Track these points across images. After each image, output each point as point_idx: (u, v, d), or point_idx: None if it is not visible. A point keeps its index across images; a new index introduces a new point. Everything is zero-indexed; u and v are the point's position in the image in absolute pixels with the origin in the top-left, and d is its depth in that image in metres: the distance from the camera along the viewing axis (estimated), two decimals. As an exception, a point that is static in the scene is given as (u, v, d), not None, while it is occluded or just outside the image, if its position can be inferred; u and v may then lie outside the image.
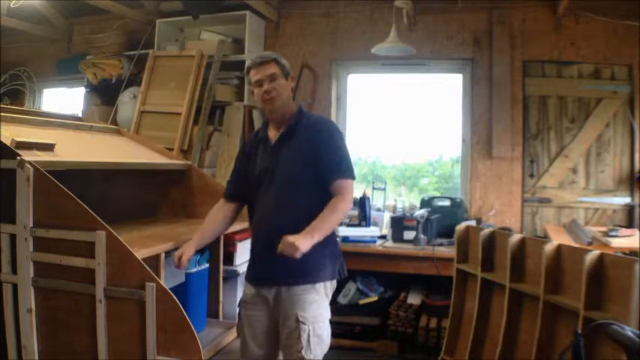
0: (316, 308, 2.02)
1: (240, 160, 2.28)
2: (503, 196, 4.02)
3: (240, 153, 2.31)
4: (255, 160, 2.17)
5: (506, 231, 3.19)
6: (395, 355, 3.61)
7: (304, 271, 2.00)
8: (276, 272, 2.02)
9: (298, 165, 2.05)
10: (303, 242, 1.85)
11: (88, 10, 4.55)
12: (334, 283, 2.13)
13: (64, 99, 5.20)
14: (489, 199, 4.05)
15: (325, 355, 2.10)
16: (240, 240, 2.75)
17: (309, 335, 1.97)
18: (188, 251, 2.12)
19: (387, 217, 4.11)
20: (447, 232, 3.78)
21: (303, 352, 1.96)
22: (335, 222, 2.01)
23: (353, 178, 2.06)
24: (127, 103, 4.24)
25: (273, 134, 2.14)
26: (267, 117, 2.18)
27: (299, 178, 2.04)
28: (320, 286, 2.04)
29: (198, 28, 4.44)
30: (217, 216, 2.25)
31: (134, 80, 4.35)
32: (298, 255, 1.84)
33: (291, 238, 1.85)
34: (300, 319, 1.98)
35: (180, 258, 2.10)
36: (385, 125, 4.53)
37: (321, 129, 2.08)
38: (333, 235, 2.11)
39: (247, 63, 2.15)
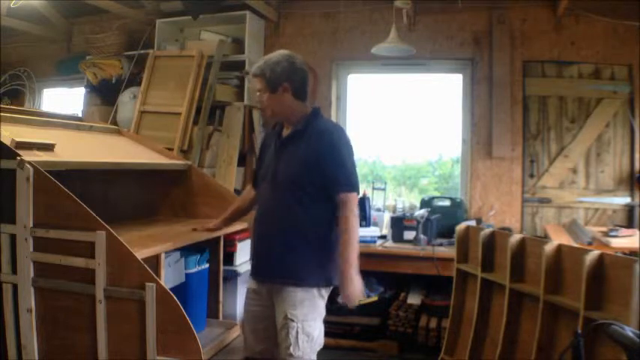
0: (307, 306, 2.04)
1: (260, 149, 2.38)
2: (503, 196, 4.02)
3: (262, 142, 2.40)
4: (267, 154, 2.24)
5: (506, 231, 3.20)
6: (395, 355, 3.61)
7: (293, 273, 2.04)
8: (269, 270, 2.11)
9: (297, 168, 2.08)
10: (349, 288, 1.98)
11: (88, 10, 4.54)
12: (329, 289, 2.14)
13: (64, 99, 5.19)
14: (489, 199, 4.05)
15: (325, 355, 2.11)
16: (240, 240, 2.75)
17: (297, 332, 2.00)
18: (215, 222, 2.44)
19: (387, 217, 4.11)
20: (447, 232, 3.78)
21: (291, 349, 2.00)
22: (353, 240, 2.04)
23: (354, 191, 2.08)
24: (127, 103, 4.24)
25: (284, 132, 2.20)
26: None
27: (296, 180, 2.07)
28: (310, 289, 2.05)
29: (198, 28, 4.43)
30: (244, 197, 2.48)
31: (134, 80, 4.34)
32: (360, 295, 2.01)
33: (347, 293, 1.99)
34: (289, 316, 2.01)
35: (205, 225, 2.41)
36: (385, 125, 4.53)
37: (326, 140, 2.08)
38: (320, 244, 2.09)
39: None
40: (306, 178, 2.06)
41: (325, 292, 2.11)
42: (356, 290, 1.99)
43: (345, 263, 2.00)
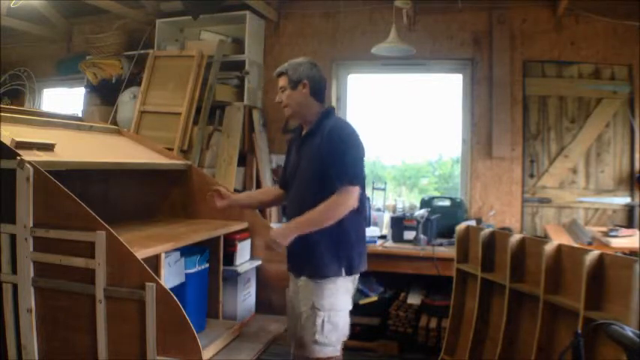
0: (334, 297, 2.14)
1: (286, 152, 2.49)
2: (503, 196, 4.02)
3: (287, 147, 2.50)
4: (290, 156, 2.39)
5: (506, 231, 3.20)
6: (395, 355, 3.61)
7: (316, 267, 2.15)
8: (297, 264, 2.27)
9: (312, 165, 2.20)
10: (281, 237, 2.11)
11: (88, 10, 4.54)
12: (355, 277, 2.24)
13: (64, 99, 5.20)
14: (489, 199, 4.05)
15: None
16: (241, 240, 2.75)
17: (323, 321, 2.11)
18: (232, 195, 2.48)
19: (387, 217, 4.11)
20: (447, 232, 3.78)
21: (316, 335, 2.11)
22: (321, 218, 2.10)
23: (352, 184, 2.12)
24: (127, 103, 4.24)
25: (303, 133, 2.33)
26: None
27: (313, 177, 2.19)
28: (334, 279, 2.14)
29: (198, 28, 4.43)
30: (269, 190, 2.61)
31: (134, 80, 4.35)
32: (280, 249, 2.13)
33: (272, 233, 2.12)
34: (317, 305, 2.12)
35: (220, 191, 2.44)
36: (385, 125, 4.53)
37: (329, 136, 2.18)
38: (340, 236, 2.17)
39: None
40: (321, 174, 2.16)
41: (351, 285, 2.23)
42: (281, 240, 2.10)
43: (296, 221, 2.12)
